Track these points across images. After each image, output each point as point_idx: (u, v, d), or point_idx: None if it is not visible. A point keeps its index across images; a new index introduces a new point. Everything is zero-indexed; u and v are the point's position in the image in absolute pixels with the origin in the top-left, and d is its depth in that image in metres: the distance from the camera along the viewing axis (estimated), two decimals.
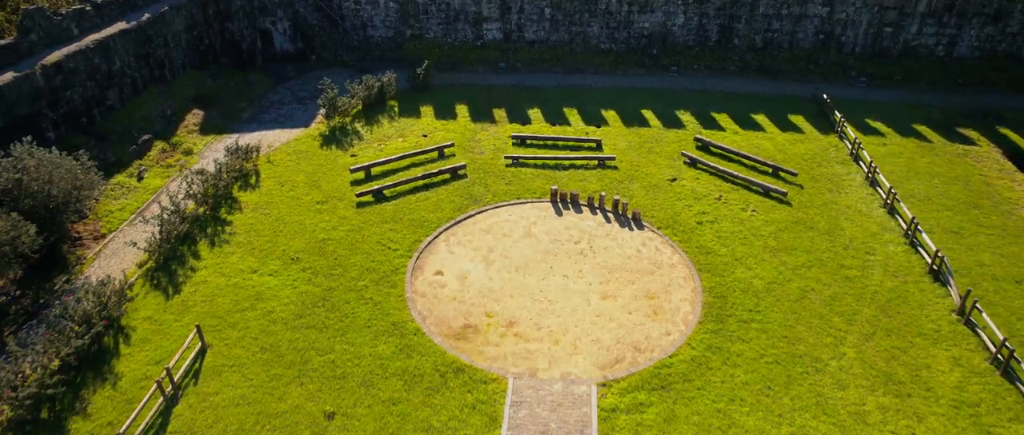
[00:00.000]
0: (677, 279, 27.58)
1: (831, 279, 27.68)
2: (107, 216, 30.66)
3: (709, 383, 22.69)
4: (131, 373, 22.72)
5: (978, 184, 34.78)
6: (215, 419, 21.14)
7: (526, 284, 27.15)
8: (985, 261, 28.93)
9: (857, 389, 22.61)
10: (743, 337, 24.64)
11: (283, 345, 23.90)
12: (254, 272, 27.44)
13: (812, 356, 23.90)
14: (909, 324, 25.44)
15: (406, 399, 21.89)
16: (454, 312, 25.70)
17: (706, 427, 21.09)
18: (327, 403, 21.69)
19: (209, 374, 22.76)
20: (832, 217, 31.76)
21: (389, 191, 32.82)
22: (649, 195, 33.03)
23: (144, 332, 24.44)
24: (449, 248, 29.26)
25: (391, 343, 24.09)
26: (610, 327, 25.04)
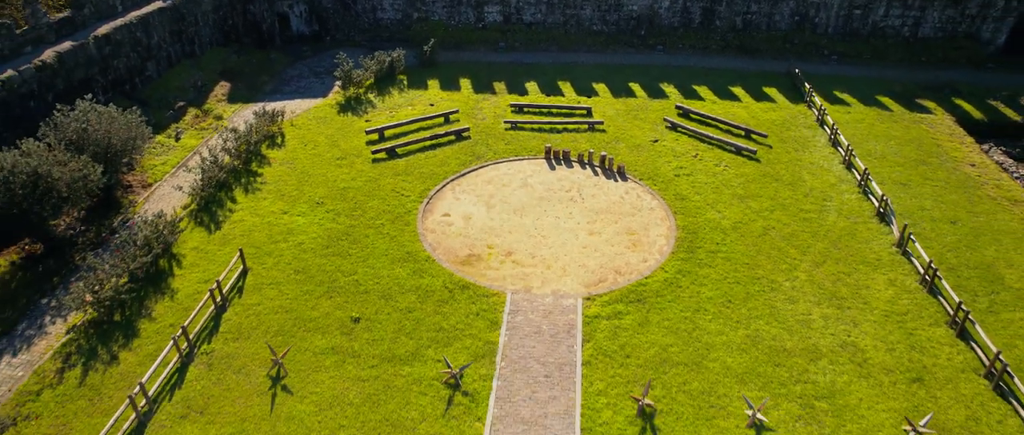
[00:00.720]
0: (655, 220, 31.50)
1: (790, 220, 31.60)
2: (152, 169, 34.59)
3: (678, 298, 26.60)
4: (185, 288, 26.63)
5: (929, 145, 38.70)
6: (258, 323, 25.04)
7: (523, 223, 31.06)
8: (926, 206, 32.85)
9: (805, 303, 26.51)
10: (710, 264, 28.54)
11: (313, 268, 27.80)
12: (284, 213, 31.35)
13: (768, 279, 27.80)
14: (855, 255, 29.34)
15: (420, 308, 25.81)
16: (460, 244, 29.61)
17: (674, 330, 25.00)
18: (353, 311, 25.60)
19: (251, 290, 26.66)
20: (796, 171, 35.67)
21: (401, 149, 36.73)
22: (633, 153, 36.93)
23: (192, 258, 28.35)
24: (455, 195, 33.18)
25: (406, 267, 27.99)
26: (595, 256, 28.95)
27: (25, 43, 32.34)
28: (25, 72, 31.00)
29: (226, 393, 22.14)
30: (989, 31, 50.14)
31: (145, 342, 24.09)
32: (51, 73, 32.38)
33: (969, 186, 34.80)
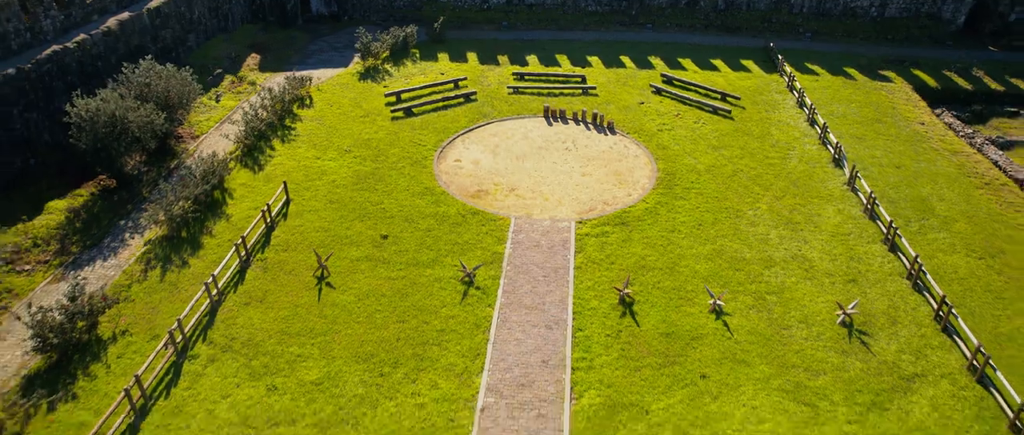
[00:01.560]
0: (639, 164, 36.27)
1: (757, 164, 36.37)
2: (198, 124, 39.34)
3: (657, 221, 31.37)
4: (238, 214, 31.38)
5: (886, 107, 43.49)
6: (302, 239, 29.79)
7: (524, 167, 35.82)
8: (877, 155, 37.64)
9: (764, 226, 31.26)
10: (685, 197, 33.32)
11: (345, 200, 32.56)
12: (317, 158, 36.11)
13: (735, 208, 32.57)
14: (810, 191, 34.11)
15: (438, 228, 30.57)
16: (470, 182, 34.38)
17: (652, 245, 29.77)
18: (381, 230, 30.36)
19: (293, 216, 31.41)
20: (765, 127, 40.45)
21: (416, 109, 41.49)
22: (622, 113, 41.69)
23: (241, 192, 33.11)
24: (465, 145, 37.94)
25: (425, 199, 32.76)
26: (586, 191, 33.72)
27: (93, 12, 37.11)
28: (95, 36, 35.78)
29: (280, 288, 26.90)
30: (950, 11, 54.92)
31: (209, 252, 28.85)
32: (114, 38, 37.16)
33: (916, 140, 39.59)
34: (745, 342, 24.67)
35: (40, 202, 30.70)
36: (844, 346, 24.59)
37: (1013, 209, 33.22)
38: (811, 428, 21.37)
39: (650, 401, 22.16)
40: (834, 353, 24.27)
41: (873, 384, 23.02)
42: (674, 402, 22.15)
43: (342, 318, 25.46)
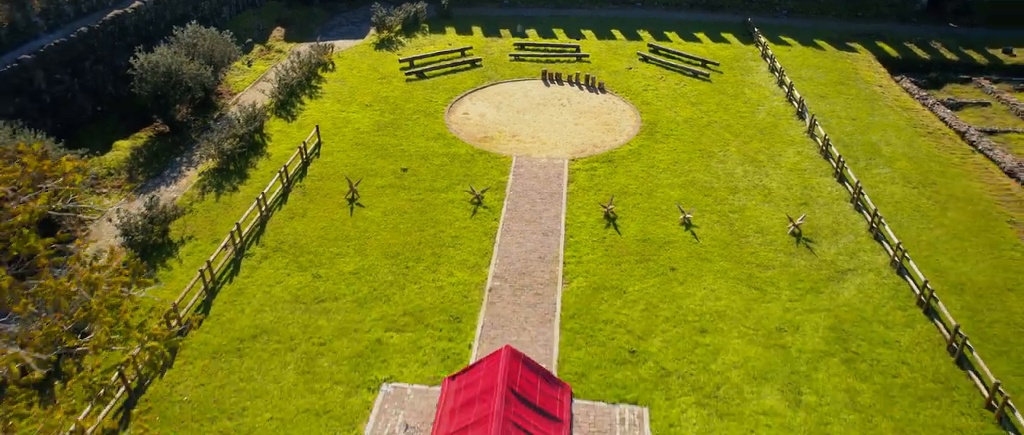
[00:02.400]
0: (625, 117, 41.18)
1: (729, 117, 41.27)
2: (234, 83, 44.25)
3: (639, 160, 36.28)
4: (276, 152, 36.28)
5: (849, 73, 48.40)
6: (333, 171, 34.67)
7: (524, 118, 40.72)
8: (836, 110, 42.56)
9: (732, 163, 36.15)
10: (664, 142, 38.22)
11: (368, 142, 37.46)
12: (342, 111, 41.01)
13: (707, 150, 37.46)
14: (775, 138, 39.01)
15: (450, 164, 35.47)
16: (476, 130, 39.28)
17: (634, 177, 34.67)
18: (401, 165, 35.26)
19: (324, 154, 36.30)
20: (739, 88, 45.37)
21: (428, 73, 46.41)
22: (611, 76, 46.60)
23: (277, 137, 38.00)
24: (471, 102, 42.85)
25: (438, 142, 37.66)
26: (578, 137, 38.62)
27: None
28: (147, 3, 40.76)
29: (317, 207, 31.80)
30: None
31: (255, 181, 33.76)
32: (163, 6, 42.15)
33: (873, 99, 44.51)
34: (708, 246, 29.57)
35: (108, 141, 35.64)
36: (792, 250, 29.49)
37: (949, 152, 38.15)
38: (759, 305, 26.26)
39: (627, 285, 27.06)
40: (783, 254, 29.16)
41: (813, 275, 27.92)
42: (647, 286, 27.04)
43: (371, 228, 30.35)
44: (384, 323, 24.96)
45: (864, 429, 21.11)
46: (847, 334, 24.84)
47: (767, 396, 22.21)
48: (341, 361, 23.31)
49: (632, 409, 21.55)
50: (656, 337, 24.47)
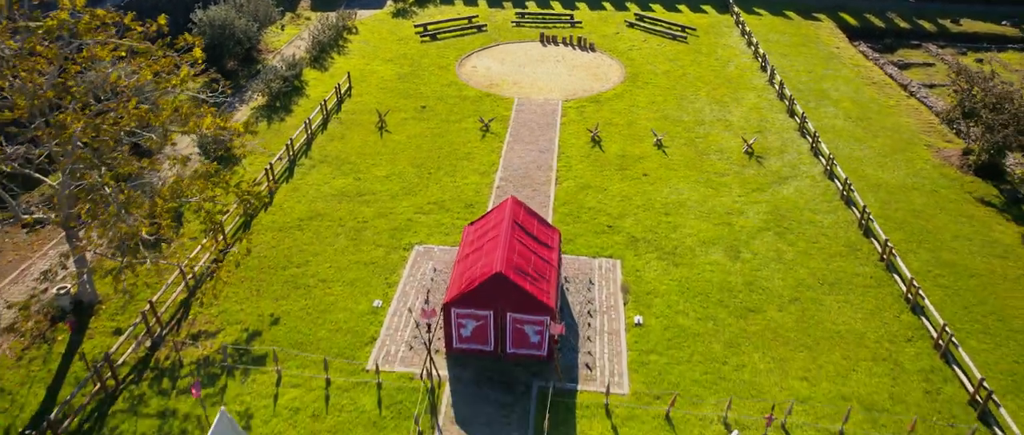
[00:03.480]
0: (612, 70, 47.61)
1: (702, 70, 47.70)
2: (271, 42, 50.67)
3: (621, 100, 42.68)
4: (314, 94, 42.66)
5: (812, 37, 54.85)
6: (364, 108, 41.03)
7: (524, 71, 47.14)
8: (796, 66, 48.99)
9: (701, 104, 42.54)
10: (644, 88, 44.63)
11: (392, 88, 43.85)
12: (367, 64, 47.42)
13: (680, 95, 43.86)
14: (740, 85, 45.40)
15: (461, 103, 41.86)
16: (484, 79, 45.69)
17: (616, 112, 41.06)
18: (420, 104, 41.65)
19: (355, 96, 42.68)
20: (712, 48, 51.81)
21: (440, 36, 52.84)
22: (601, 39, 53.04)
23: (313, 83, 44.39)
24: (478, 58, 49.28)
25: (450, 88, 44.06)
26: (571, 84, 45.04)
27: None
28: None
29: (352, 133, 38.16)
30: None
31: (299, 114, 40.13)
32: None
33: (830, 58, 50.96)
34: (676, 160, 35.99)
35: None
36: (745, 163, 35.89)
37: (887, 96, 44.61)
38: (713, 198, 32.64)
39: (607, 185, 33.46)
40: (737, 166, 35.56)
41: (759, 180, 34.32)
42: (623, 186, 33.44)
43: (398, 147, 36.74)
44: (413, 208, 31.36)
45: (786, 274, 27.52)
46: (781, 217, 31.25)
47: (713, 254, 28.62)
48: (381, 233, 29.69)
49: (609, 261, 27.96)
50: (629, 218, 30.88)
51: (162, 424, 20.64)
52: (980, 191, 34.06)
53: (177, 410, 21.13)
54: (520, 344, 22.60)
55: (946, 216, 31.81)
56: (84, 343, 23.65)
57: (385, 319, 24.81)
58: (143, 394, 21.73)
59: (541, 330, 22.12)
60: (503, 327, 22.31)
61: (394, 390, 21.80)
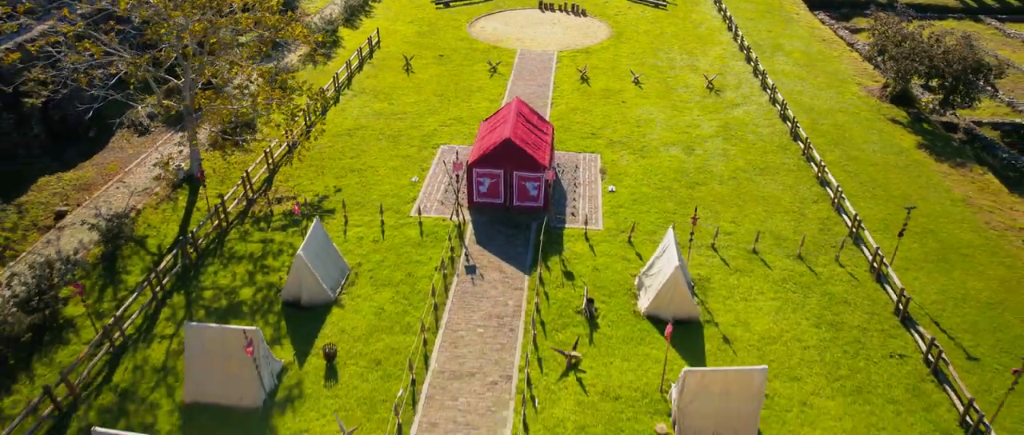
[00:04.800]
0: (600, 30, 55.79)
1: (677, 30, 55.85)
2: (306, 8, 58.86)
3: (607, 52, 50.84)
4: (350, 46, 50.80)
5: (776, 6, 63.02)
6: (391, 55, 49.17)
7: (525, 30, 55.32)
8: (759, 28, 57.14)
9: (674, 54, 50.69)
10: (627, 43, 52.78)
11: (413, 42, 52.00)
12: (391, 25, 55.59)
13: (657, 48, 52.00)
14: (708, 42, 53.55)
15: (473, 53, 50.02)
16: (491, 36, 53.87)
17: (603, 59, 49.21)
18: (438, 53, 49.80)
19: (383, 48, 50.82)
20: (687, 14, 59.97)
21: (452, 4, 61.02)
22: (592, 6, 61.21)
23: (347, 38, 52.55)
24: (486, 21, 57.44)
25: (463, 42, 52.22)
26: (565, 40, 53.21)
27: None
28: None
29: (383, 73, 46.28)
30: None
31: (338, 59, 48.26)
32: None
33: (789, 21, 59.11)
34: (649, 92, 44.11)
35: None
36: (706, 94, 43.99)
37: (833, 50, 52.78)
38: (677, 116, 40.70)
39: (592, 108, 41.57)
40: (698, 96, 43.67)
41: (716, 104, 42.41)
42: (605, 109, 41.55)
43: (422, 82, 44.88)
44: (437, 122, 39.49)
45: (728, 163, 35.59)
46: (730, 129, 39.37)
47: (673, 151, 36.73)
48: (413, 138, 37.79)
49: (591, 155, 36.09)
50: (608, 129, 39.01)
51: (264, 245, 28.77)
52: (893, 114, 42.23)
53: (273, 238, 29.25)
54: (523, 198, 30.71)
55: (860, 129, 39.98)
56: (198, 201, 31.78)
57: (421, 188, 32.94)
58: (247, 230, 29.85)
59: (539, 185, 30.24)
60: (511, 185, 30.43)
61: (431, 226, 29.93)
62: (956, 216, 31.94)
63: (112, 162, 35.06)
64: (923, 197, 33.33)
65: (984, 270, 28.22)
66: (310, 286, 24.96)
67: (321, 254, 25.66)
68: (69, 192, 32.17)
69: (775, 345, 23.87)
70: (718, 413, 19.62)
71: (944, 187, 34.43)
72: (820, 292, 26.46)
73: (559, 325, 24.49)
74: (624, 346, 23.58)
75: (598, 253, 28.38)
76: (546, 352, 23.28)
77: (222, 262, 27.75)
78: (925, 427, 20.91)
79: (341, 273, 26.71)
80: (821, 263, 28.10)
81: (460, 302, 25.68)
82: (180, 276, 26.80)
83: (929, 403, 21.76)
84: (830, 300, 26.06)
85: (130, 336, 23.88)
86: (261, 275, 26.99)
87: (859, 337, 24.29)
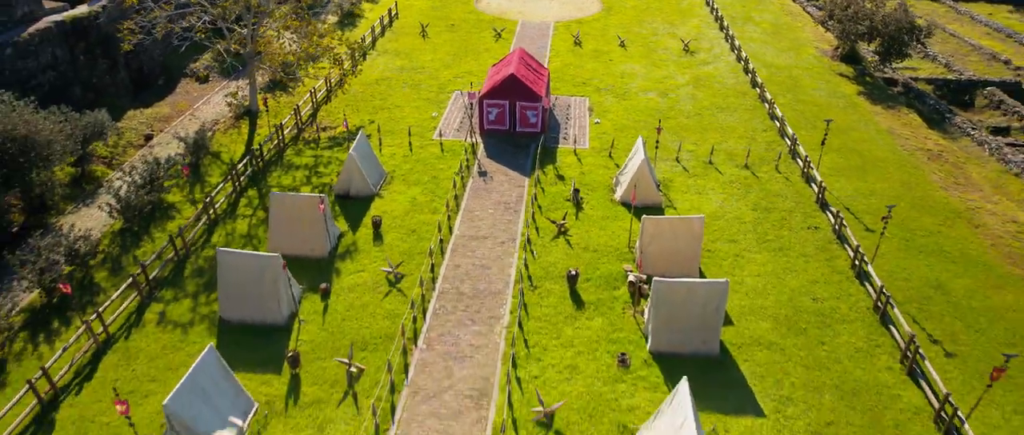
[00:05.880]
0: (593, 5, 62.85)
1: (663, 5, 62.87)
2: None
3: (598, 22, 57.85)
4: (371, 18, 57.82)
5: None
6: (409, 24, 56.17)
7: (527, 6, 62.36)
8: (734, 4, 64.15)
9: (657, 23, 57.68)
10: (615, 15, 59.80)
11: (427, 13, 59.00)
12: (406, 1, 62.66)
13: (642, 20, 59.00)
14: (688, 14, 60.56)
15: (480, 24, 57.05)
16: (496, 10, 60.91)
17: (593, 28, 56.22)
18: (450, 23, 56.82)
19: (401, 19, 57.83)
20: None
21: None
22: None
23: (368, 11, 59.56)
24: None
25: (472, 15, 59.25)
26: (561, 12, 60.25)
27: None
28: None
29: (402, 37, 53.29)
30: None
31: (362, 27, 55.26)
32: None
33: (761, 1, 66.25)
34: (633, 53, 51.11)
35: None
36: (681, 55, 50.96)
37: (798, 22, 59.82)
38: (655, 70, 47.68)
39: (583, 65, 48.58)
40: (675, 56, 50.65)
41: (690, 62, 49.39)
42: (594, 65, 48.54)
43: (437, 45, 51.90)
44: (451, 75, 46.49)
45: (695, 104, 42.56)
46: (700, 80, 46.37)
47: (650, 95, 43.72)
48: (431, 86, 44.77)
49: (580, 99, 43.08)
50: (596, 79, 46.01)
51: (315, 159, 35.75)
52: (841, 70, 49.26)
53: (323, 154, 36.23)
54: (525, 124, 37.70)
55: (811, 80, 47.00)
56: (257, 130, 38.79)
57: (440, 120, 39.94)
58: (301, 148, 36.85)
59: (537, 114, 37.22)
60: (514, 113, 37.41)
61: (450, 146, 36.93)
62: (878, 141, 38.92)
63: (182, 102, 42.10)
64: (854, 128, 40.31)
65: (891, 176, 35.21)
66: (358, 181, 31.94)
67: (366, 158, 32.63)
68: (152, 122, 39.18)
69: (720, 221, 30.82)
70: (669, 253, 26.53)
71: (873, 121, 41.42)
72: (759, 189, 33.44)
73: (552, 208, 31.46)
74: (602, 221, 30.55)
75: (584, 163, 35.36)
76: (542, 222, 30.27)
77: (283, 169, 34.76)
78: (826, 269, 27.86)
79: (380, 175, 33.69)
80: (763, 171, 35.06)
81: (475, 195, 32.66)
82: (251, 177, 33.81)
83: (832, 256, 28.71)
84: (766, 194, 33.04)
85: (220, 214, 30.88)
86: (316, 178, 33.99)
87: (785, 217, 31.25)
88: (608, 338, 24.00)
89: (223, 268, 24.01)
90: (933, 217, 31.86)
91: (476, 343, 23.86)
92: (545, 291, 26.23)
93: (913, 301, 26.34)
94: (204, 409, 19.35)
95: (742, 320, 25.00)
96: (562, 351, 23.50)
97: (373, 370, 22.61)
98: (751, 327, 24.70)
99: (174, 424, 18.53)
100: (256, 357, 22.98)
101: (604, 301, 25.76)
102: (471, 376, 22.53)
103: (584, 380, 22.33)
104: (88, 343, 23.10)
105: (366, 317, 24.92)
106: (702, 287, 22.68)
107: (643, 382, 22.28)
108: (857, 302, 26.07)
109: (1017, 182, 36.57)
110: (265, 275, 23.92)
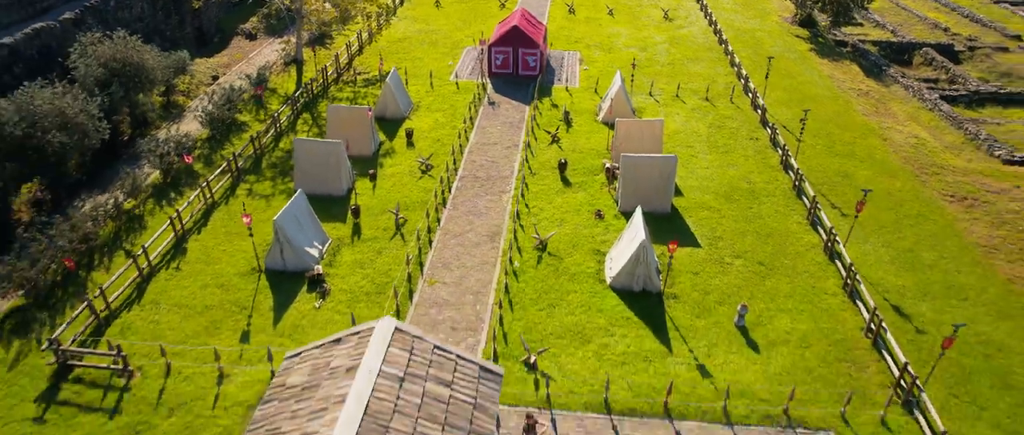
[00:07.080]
0: None
1: None
2: None
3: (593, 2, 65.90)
4: None
5: None
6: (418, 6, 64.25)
7: None
8: None
9: (652, 9, 65.73)
10: None
11: None
12: None
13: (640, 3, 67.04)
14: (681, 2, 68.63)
15: None
16: None
17: (593, 7, 64.14)
18: None
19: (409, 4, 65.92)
20: None
21: None
22: None
23: None
24: None
25: None
26: None
27: None
28: None
29: (418, 7, 61.19)
30: None
31: None
32: None
33: None
34: (620, 19, 59.03)
35: None
36: (661, 21, 58.87)
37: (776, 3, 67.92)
38: (638, 32, 55.56)
39: (575, 29, 56.50)
40: (656, 22, 58.54)
41: (668, 26, 57.29)
42: (585, 28, 56.45)
43: (449, 13, 59.80)
44: (463, 35, 54.42)
45: (669, 56, 50.48)
46: (675, 39, 54.29)
47: (631, 50, 51.63)
48: (446, 43, 52.70)
49: (572, 53, 51.01)
50: (587, 37, 53.96)
51: (354, 93, 43.66)
52: (798, 33, 57.20)
53: (359, 91, 44.16)
54: (526, 68, 45.62)
55: (771, 40, 54.93)
56: (304, 75, 46.73)
57: (456, 66, 47.89)
58: (342, 86, 44.76)
59: (536, 58, 45.15)
60: (517, 59, 45.34)
61: (464, 85, 44.86)
62: (819, 83, 46.84)
63: (237, 53, 50.07)
64: (800, 74, 48.22)
65: (825, 107, 43.12)
66: (391, 105, 39.85)
67: (398, 88, 40.56)
68: (215, 68, 47.13)
69: (681, 134, 38.71)
70: (635, 149, 34.37)
71: (817, 70, 49.36)
72: (715, 113, 41.35)
73: (548, 126, 39.37)
74: (587, 134, 38.46)
75: (574, 97, 43.28)
76: (540, 134, 38.18)
77: (329, 100, 42.70)
78: (760, 165, 35.71)
79: (408, 102, 41.60)
80: (720, 103, 42.96)
81: (485, 118, 40.58)
82: (305, 104, 41.76)
83: (767, 156, 36.57)
84: (720, 116, 40.96)
85: (284, 128, 38.81)
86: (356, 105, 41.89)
87: (733, 132, 39.15)
88: (589, 204, 31.89)
89: (299, 152, 31.87)
90: (851, 133, 39.79)
91: (490, 206, 31.78)
92: (540, 177, 34.14)
93: (825, 184, 34.25)
94: (298, 232, 27.23)
95: (690, 194, 32.89)
96: (553, 211, 31.41)
97: (413, 224, 30.51)
98: (697, 198, 32.58)
99: (279, 235, 26.41)
100: (325, 214, 30.84)
101: (586, 183, 33.66)
102: (486, 225, 30.43)
103: (570, 226, 30.23)
104: (200, 204, 31.03)
105: (405, 191, 32.84)
106: (658, 160, 30.56)
107: (613, 227, 30.18)
108: (781, 185, 33.95)
109: (929, 114, 44.46)
110: (330, 158, 31.80)
